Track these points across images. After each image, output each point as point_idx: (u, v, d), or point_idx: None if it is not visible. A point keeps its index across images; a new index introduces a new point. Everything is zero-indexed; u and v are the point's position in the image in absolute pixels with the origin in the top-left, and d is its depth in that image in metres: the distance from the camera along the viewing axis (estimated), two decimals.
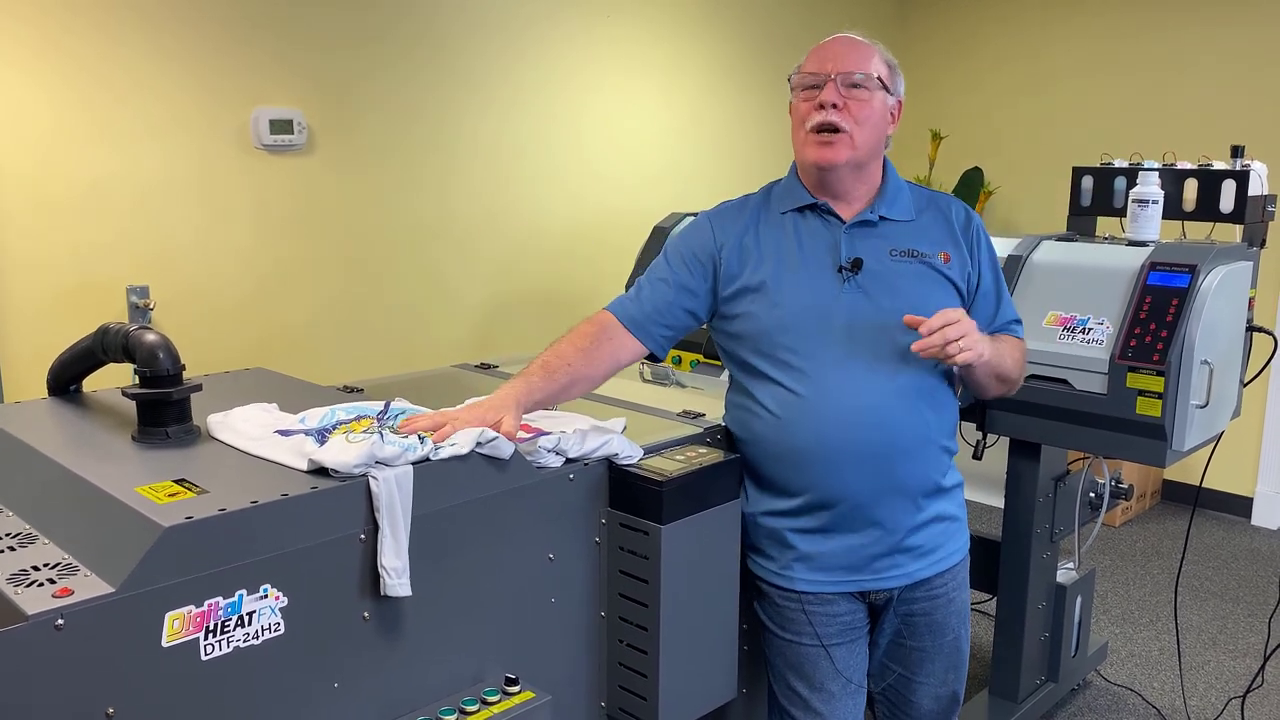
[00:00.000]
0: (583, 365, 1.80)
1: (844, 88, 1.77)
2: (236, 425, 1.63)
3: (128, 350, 1.65)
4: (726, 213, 1.92)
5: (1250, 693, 2.94)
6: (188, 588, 1.27)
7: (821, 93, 1.77)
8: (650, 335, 1.87)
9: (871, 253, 1.81)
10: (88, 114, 2.79)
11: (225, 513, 1.31)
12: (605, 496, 1.78)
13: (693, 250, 1.89)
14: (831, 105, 1.76)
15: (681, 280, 1.88)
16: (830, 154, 1.78)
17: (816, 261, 1.81)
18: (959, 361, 1.69)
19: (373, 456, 1.45)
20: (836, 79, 1.77)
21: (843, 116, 1.77)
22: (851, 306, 1.78)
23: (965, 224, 1.88)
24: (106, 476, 1.44)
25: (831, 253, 1.82)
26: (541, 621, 1.72)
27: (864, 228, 1.83)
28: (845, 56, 1.79)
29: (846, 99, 1.77)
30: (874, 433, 1.75)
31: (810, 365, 1.78)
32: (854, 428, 1.75)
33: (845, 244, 1.81)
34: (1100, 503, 2.91)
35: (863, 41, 1.83)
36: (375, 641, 1.49)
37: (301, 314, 3.30)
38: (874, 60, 1.80)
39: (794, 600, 1.86)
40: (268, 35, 3.10)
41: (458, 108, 3.63)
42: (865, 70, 1.78)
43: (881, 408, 1.75)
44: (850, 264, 1.80)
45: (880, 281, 1.79)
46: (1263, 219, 2.68)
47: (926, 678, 1.93)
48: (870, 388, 1.76)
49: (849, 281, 1.79)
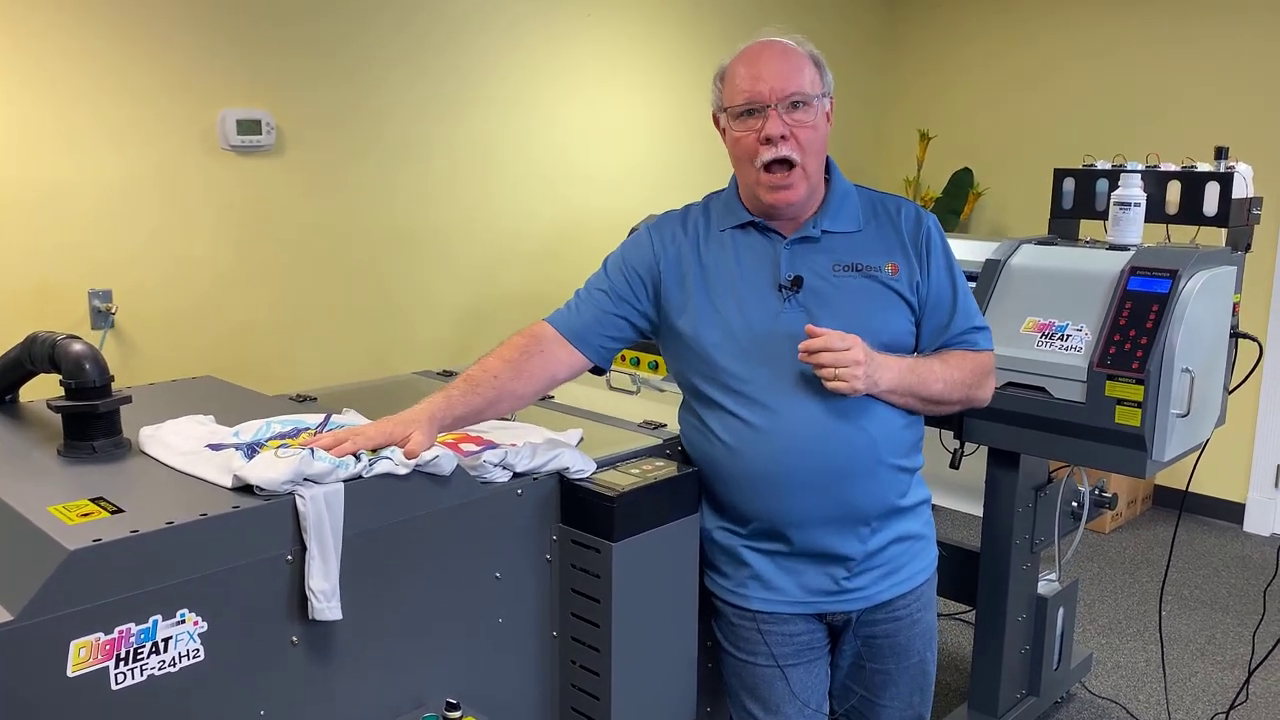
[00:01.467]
0: (510, 379, 1.69)
1: (786, 113, 1.66)
2: (167, 439, 1.57)
3: (54, 360, 1.59)
4: (665, 225, 1.84)
5: (1235, 707, 2.87)
6: (96, 614, 1.21)
7: (766, 125, 1.66)
8: (590, 345, 1.78)
9: (813, 269, 1.72)
10: (49, 115, 2.72)
11: (137, 534, 1.25)
12: (556, 512, 1.72)
13: (632, 264, 1.82)
14: (780, 137, 1.66)
15: (620, 292, 1.80)
16: (787, 195, 1.70)
17: (757, 280, 1.73)
18: (833, 389, 1.60)
19: (300, 473, 1.38)
20: (777, 105, 1.66)
21: (792, 147, 1.67)
22: (793, 326, 1.68)
23: (915, 229, 1.77)
24: (21, 494, 1.38)
25: (772, 270, 1.74)
26: (488, 643, 1.65)
27: (805, 243, 1.74)
28: (780, 74, 1.66)
29: (792, 126, 1.66)
30: (818, 459, 1.68)
31: (756, 391, 1.70)
32: (802, 455, 1.68)
33: (785, 261, 1.73)
34: (1082, 512, 2.84)
35: (790, 46, 1.72)
36: (305, 667, 1.42)
37: (271, 319, 3.23)
38: (806, 68, 1.69)
39: (749, 619, 1.80)
40: (235, 35, 3.04)
41: (434, 108, 3.57)
42: (803, 87, 1.67)
43: (827, 432, 1.67)
44: (790, 282, 1.71)
45: (822, 299, 1.71)
46: (1247, 222, 2.62)
47: (890, 700, 1.86)
48: (816, 412, 1.67)
49: (789, 300, 1.71)
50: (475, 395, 1.65)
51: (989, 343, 1.85)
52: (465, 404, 1.64)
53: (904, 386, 1.69)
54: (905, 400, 1.71)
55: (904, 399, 1.71)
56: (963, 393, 1.77)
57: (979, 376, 1.80)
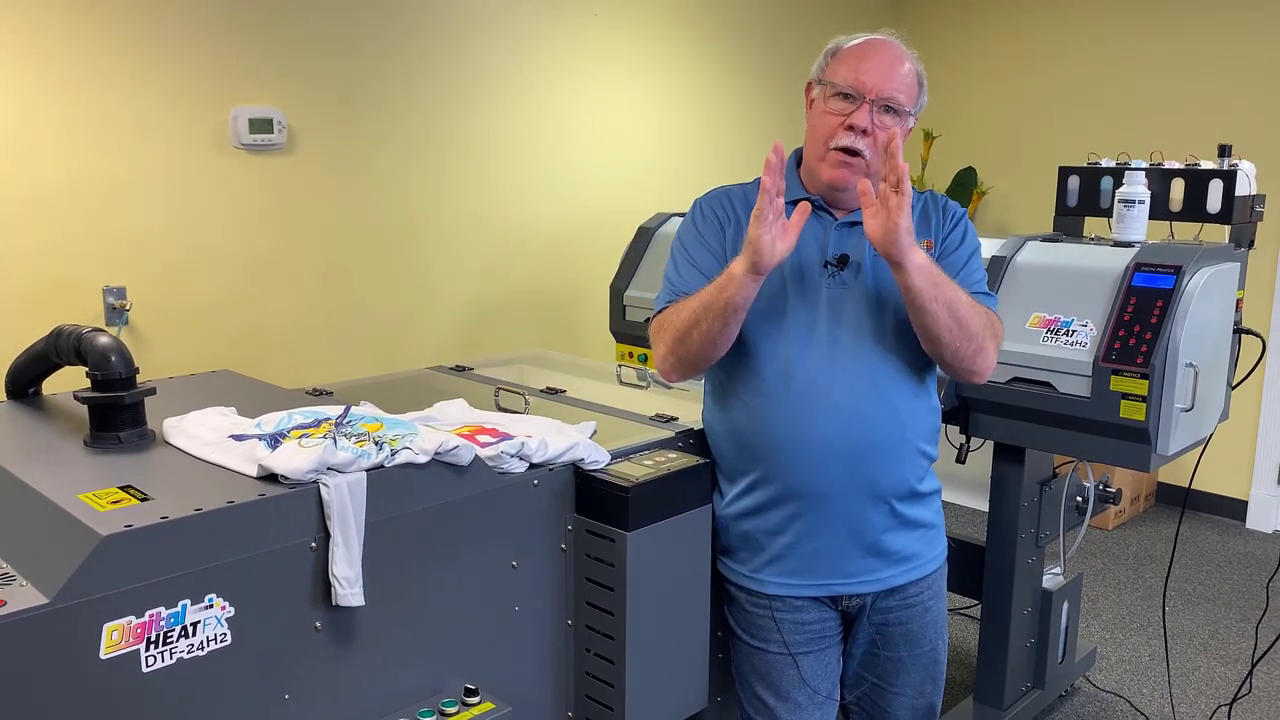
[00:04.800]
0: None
1: (877, 112, 1.71)
2: (191, 430, 1.60)
3: (80, 353, 1.62)
4: (720, 196, 1.88)
5: (1238, 700, 2.89)
6: (127, 598, 1.24)
7: (854, 114, 1.71)
8: None
9: (859, 250, 1.78)
10: (61, 114, 2.75)
11: (167, 520, 1.28)
12: (571, 502, 1.75)
13: (709, 223, 1.84)
14: (862, 131, 1.70)
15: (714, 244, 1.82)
16: (846, 175, 1.74)
17: (804, 255, 1.77)
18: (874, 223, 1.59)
19: (324, 463, 1.41)
20: (873, 102, 1.70)
21: (868, 144, 1.71)
22: (834, 301, 1.75)
23: (951, 216, 1.85)
24: (51, 483, 1.41)
25: (820, 247, 1.79)
26: (505, 630, 1.68)
27: (855, 227, 1.79)
28: (887, 76, 1.71)
29: (877, 126, 1.71)
30: (849, 428, 1.72)
31: (790, 357, 1.74)
32: (829, 422, 1.72)
33: (834, 240, 1.79)
34: (1086, 506, 2.87)
35: (903, 54, 1.76)
36: (328, 652, 1.45)
37: (282, 315, 3.26)
38: (911, 80, 1.74)
39: (763, 605, 1.83)
40: (247, 34, 3.07)
41: (444, 108, 3.59)
42: (901, 96, 1.72)
43: (858, 403, 1.72)
44: (836, 260, 1.77)
45: (865, 278, 1.76)
46: (1250, 219, 2.64)
47: (903, 689, 1.89)
48: (848, 383, 1.73)
49: (834, 277, 1.77)
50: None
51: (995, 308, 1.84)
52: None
53: (931, 270, 1.65)
54: (925, 292, 1.64)
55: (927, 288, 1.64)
56: (978, 324, 1.70)
57: (989, 325, 1.75)
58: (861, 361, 1.74)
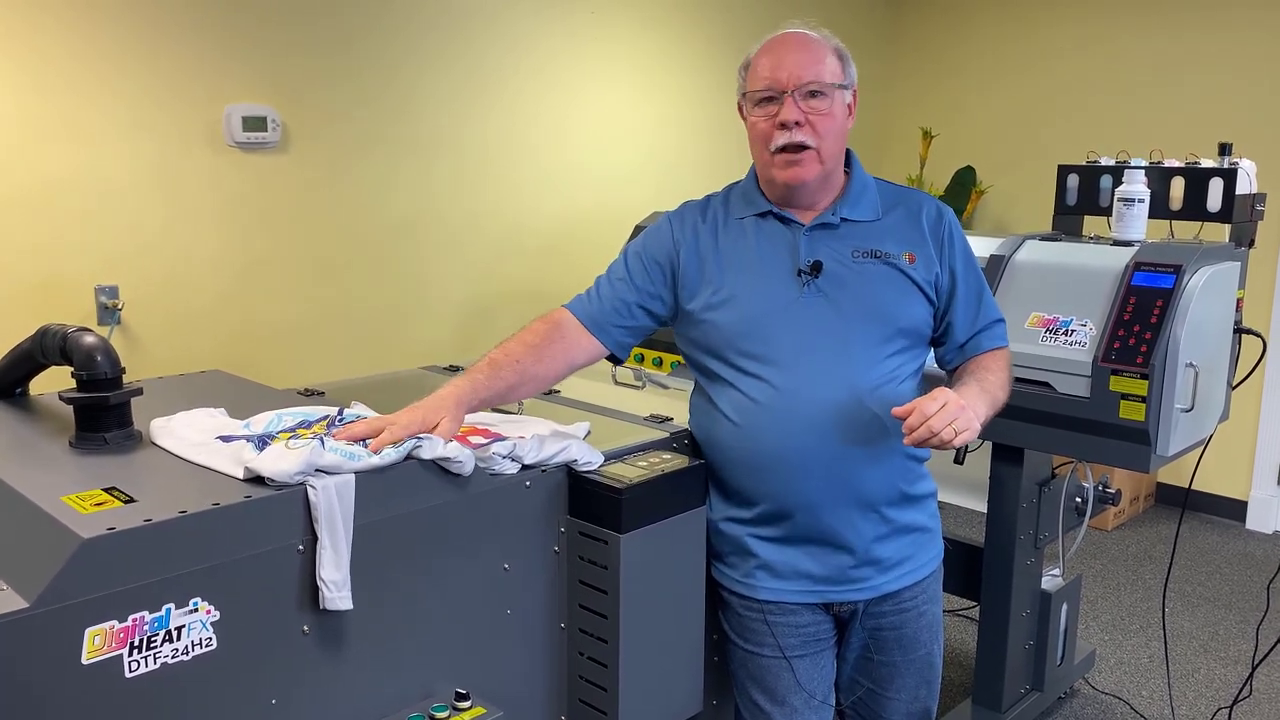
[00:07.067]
0: (532, 363, 1.72)
1: (803, 100, 1.69)
2: (178, 431, 1.57)
3: (65, 353, 1.59)
4: (686, 214, 1.86)
5: (1238, 703, 2.88)
6: (110, 602, 1.22)
7: (781, 111, 1.69)
8: (609, 335, 1.81)
9: (832, 255, 1.74)
10: (55, 111, 2.73)
11: (150, 523, 1.25)
12: (564, 504, 1.73)
13: (651, 253, 1.83)
14: (795, 123, 1.69)
15: (639, 281, 1.82)
16: (800, 173, 1.71)
17: (776, 265, 1.75)
18: (960, 443, 1.59)
19: (311, 464, 1.39)
20: (794, 93, 1.68)
21: (807, 133, 1.69)
22: (811, 310, 1.72)
23: (936, 222, 1.80)
24: (34, 484, 1.38)
25: (791, 256, 1.75)
26: (497, 634, 1.66)
27: (824, 230, 1.76)
28: (799, 63, 1.69)
29: (807, 113, 1.69)
30: (832, 440, 1.69)
31: (769, 371, 1.72)
32: (812, 435, 1.69)
33: (804, 247, 1.75)
34: (1086, 507, 2.85)
35: (812, 37, 1.74)
36: (316, 656, 1.43)
37: (276, 314, 3.24)
38: (827, 59, 1.72)
39: (756, 610, 1.81)
40: (241, 31, 3.05)
41: (439, 105, 3.57)
42: (821, 77, 1.70)
43: (841, 414, 1.69)
44: (810, 267, 1.73)
45: (841, 284, 1.73)
46: (1251, 218, 2.62)
47: (897, 693, 1.87)
48: (829, 394, 1.70)
49: (809, 285, 1.73)
50: (498, 379, 1.68)
51: (1006, 336, 1.88)
52: (489, 387, 1.67)
53: (990, 407, 1.71)
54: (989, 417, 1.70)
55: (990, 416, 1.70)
56: (1007, 393, 1.79)
57: (1010, 376, 1.84)
58: (843, 369, 1.70)
